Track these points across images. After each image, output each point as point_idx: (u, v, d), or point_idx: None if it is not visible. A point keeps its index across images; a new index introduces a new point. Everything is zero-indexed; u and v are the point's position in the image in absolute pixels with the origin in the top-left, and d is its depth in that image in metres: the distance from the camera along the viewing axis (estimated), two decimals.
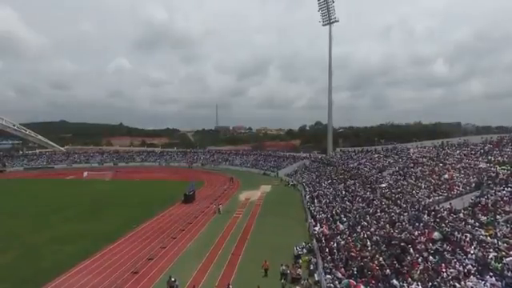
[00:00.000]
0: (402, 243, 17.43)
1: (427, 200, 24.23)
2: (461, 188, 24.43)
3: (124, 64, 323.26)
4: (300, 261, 19.37)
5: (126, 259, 20.40)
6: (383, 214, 23.36)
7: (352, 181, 36.99)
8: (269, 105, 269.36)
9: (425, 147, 41.44)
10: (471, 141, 36.64)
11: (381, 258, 16.36)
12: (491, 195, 20.77)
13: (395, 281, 13.86)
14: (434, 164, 32.39)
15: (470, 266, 13.81)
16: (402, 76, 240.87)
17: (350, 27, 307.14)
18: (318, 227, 23.08)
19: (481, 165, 27.42)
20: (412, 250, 16.57)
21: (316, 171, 50.59)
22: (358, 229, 21.42)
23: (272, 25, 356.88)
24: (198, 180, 52.13)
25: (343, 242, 19.56)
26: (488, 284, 12.25)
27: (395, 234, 19.11)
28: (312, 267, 18.40)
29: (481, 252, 14.57)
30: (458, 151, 34.24)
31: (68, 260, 19.95)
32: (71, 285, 17.01)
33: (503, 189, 20.88)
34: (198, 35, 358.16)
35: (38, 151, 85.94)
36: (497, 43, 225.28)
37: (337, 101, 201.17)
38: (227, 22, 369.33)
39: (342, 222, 23.34)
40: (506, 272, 12.68)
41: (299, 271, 17.63)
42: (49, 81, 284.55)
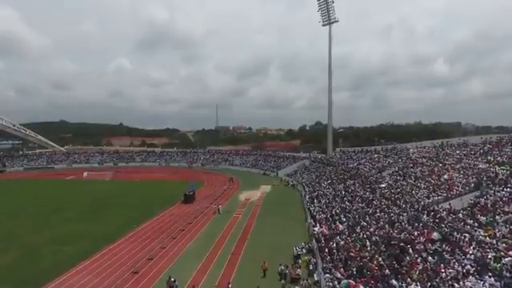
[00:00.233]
0: (402, 243, 17.48)
1: (426, 200, 24.28)
2: (460, 188, 24.47)
3: (124, 64, 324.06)
4: (299, 261, 19.41)
5: (126, 259, 20.45)
6: (382, 215, 23.42)
7: (352, 181, 37.05)
8: (269, 105, 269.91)
9: (424, 147, 41.46)
10: (471, 141, 36.65)
11: (380, 259, 16.40)
12: (490, 195, 20.81)
13: (394, 281, 13.90)
14: (434, 164, 32.42)
15: (469, 267, 13.86)
16: (403, 76, 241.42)
17: (350, 27, 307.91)
18: (318, 227, 23.11)
19: (480, 165, 27.45)
20: (411, 251, 16.63)
21: (316, 171, 50.64)
22: (358, 229, 21.46)
23: (273, 25, 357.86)
24: (198, 180, 52.17)
25: (343, 242, 19.60)
26: (487, 284, 12.29)
27: (394, 235, 19.16)
28: (311, 267, 18.45)
29: (480, 252, 14.61)
30: (458, 151, 34.26)
31: (68, 260, 19.99)
32: (71, 285, 17.05)
33: (502, 189, 20.90)
34: (199, 35, 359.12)
35: (38, 151, 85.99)
36: (497, 43, 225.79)
37: (337, 101, 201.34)
38: (228, 22, 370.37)
39: (342, 222, 23.38)
40: (505, 272, 12.72)
41: (298, 271, 17.68)
42: (49, 81, 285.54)
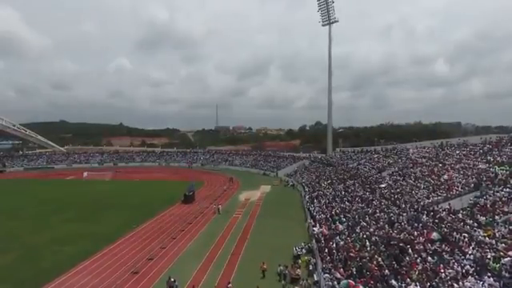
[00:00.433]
0: (401, 244, 17.50)
1: (426, 200, 24.31)
2: (460, 188, 24.49)
3: (125, 64, 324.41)
4: (299, 261, 19.43)
5: (126, 259, 20.47)
6: (382, 215, 23.43)
7: (351, 181, 37.07)
8: (269, 105, 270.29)
9: (424, 147, 41.47)
10: (470, 141, 36.65)
11: (380, 259, 16.40)
12: (490, 196, 20.84)
13: (394, 281, 13.91)
14: (434, 164, 32.45)
15: (469, 267, 13.87)
16: (403, 76, 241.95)
17: (350, 27, 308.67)
18: (318, 227, 23.12)
19: (480, 165, 27.47)
20: (411, 251, 16.62)
21: (315, 171, 50.64)
22: (357, 229, 21.47)
23: (273, 25, 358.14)
24: (198, 180, 52.19)
25: (342, 243, 19.61)
26: (486, 284, 12.30)
27: (394, 235, 19.18)
28: (311, 267, 18.47)
29: (479, 252, 14.63)
30: (458, 151, 34.28)
31: (68, 260, 20.01)
32: (71, 285, 17.07)
33: (502, 189, 20.94)
34: (200, 35, 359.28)
35: (38, 151, 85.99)
36: (497, 43, 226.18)
37: (337, 101, 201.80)
38: (228, 23, 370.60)
39: (342, 223, 23.38)
40: (504, 272, 12.74)
41: (298, 271, 17.70)
42: (49, 81, 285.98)
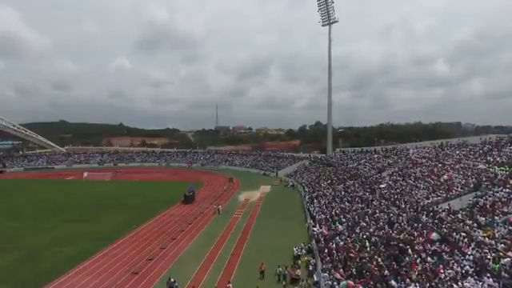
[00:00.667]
0: (401, 244, 17.51)
1: (426, 201, 24.31)
2: (459, 189, 24.50)
3: (125, 64, 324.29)
4: (299, 261, 19.45)
5: (126, 260, 20.49)
6: (382, 215, 23.45)
7: (351, 181, 37.09)
8: (269, 105, 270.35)
9: (424, 148, 41.47)
10: (470, 141, 36.64)
11: (379, 259, 16.41)
12: (490, 196, 20.85)
13: (394, 282, 13.93)
14: (433, 165, 32.45)
15: (468, 267, 13.89)
16: (403, 76, 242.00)
17: (350, 27, 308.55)
18: (318, 228, 23.15)
19: (479, 165, 27.47)
20: (410, 251, 16.63)
21: (315, 172, 50.67)
22: (357, 229, 21.50)
23: (273, 25, 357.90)
24: (198, 180, 52.27)
25: (342, 243, 19.64)
26: (485, 285, 12.32)
27: (394, 235, 19.19)
28: (311, 268, 18.49)
29: (479, 253, 14.64)
30: (457, 152, 34.27)
31: (68, 261, 20.02)
32: (71, 286, 17.09)
33: (501, 190, 20.95)
34: (200, 35, 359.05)
35: (38, 152, 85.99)
36: (497, 43, 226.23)
37: (337, 101, 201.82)
38: (228, 23, 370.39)
39: (341, 223, 23.40)
40: (504, 273, 12.75)
41: (298, 272, 17.72)
42: (49, 81, 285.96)
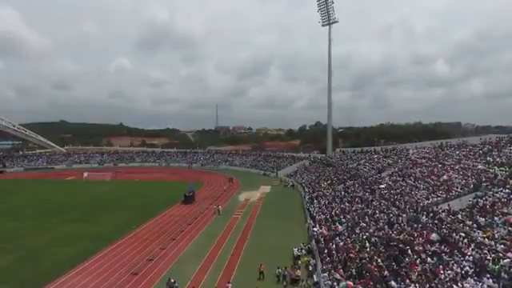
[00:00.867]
0: (401, 244, 17.53)
1: (426, 201, 24.31)
2: (459, 189, 24.51)
3: (125, 64, 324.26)
4: (299, 262, 19.45)
5: (126, 260, 20.50)
6: (382, 215, 23.46)
7: (351, 181, 37.09)
8: (269, 105, 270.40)
9: (424, 148, 41.47)
10: (470, 142, 36.62)
11: (379, 260, 16.43)
12: (489, 197, 20.86)
13: (393, 282, 13.94)
14: (433, 165, 32.45)
15: (468, 268, 13.91)
16: (403, 76, 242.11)
17: (350, 27, 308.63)
18: (317, 228, 23.17)
19: (479, 166, 27.47)
20: (410, 252, 16.65)
21: (315, 172, 50.69)
22: (357, 230, 21.51)
23: (273, 25, 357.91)
24: (198, 180, 52.26)
25: (342, 243, 19.66)
26: (485, 286, 12.34)
27: (394, 236, 19.20)
28: (311, 268, 18.50)
29: (478, 254, 14.66)
30: (457, 152, 34.26)
31: (68, 261, 20.03)
32: (71, 286, 17.10)
33: (501, 190, 20.95)
34: (200, 35, 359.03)
35: (38, 152, 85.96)
36: (497, 43, 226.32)
37: (337, 101, 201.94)
38: (228, 23, 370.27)
39: (341, 223, 23.42)
40: (503, 274, 12.77)
41: (298, 272, 17.72)
42: (50, 81, 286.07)
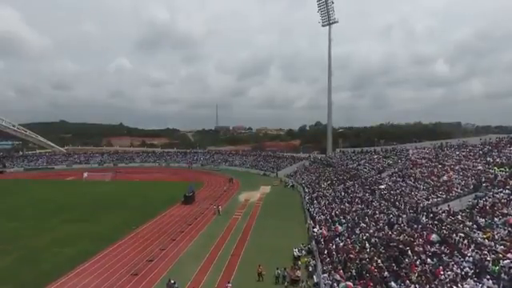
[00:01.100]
0: (401, 245, 17.53)
1: (426, 202, 24.32)
2: (459, 190, 24.52)
3: (125, 64, 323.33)
4: (299, 262, 19.45)
5: (126, 261, 20.49)
6: (382, 216, 23.47)
7: (351, 182, 37.10)
8: (269, 105, 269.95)
9: (424, 148, 41.48)
10: (470, 142, 36.61)
11: (379, 260, 16.43)
12: (489, 197, 20.86)
13: (393, 283, 13.95)
14: (433, 165, 32.45)
15: (468, 269, 13.91)
16: (403, 76, 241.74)
17: (350, 27, 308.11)
18: (317, 229, 23.17)
19: (479, 166, 27.49)
20: (410, 253, 16.65)
21: (315, 172, 50.69)
22: (357, 230, 21.51)
23: (273, 25, 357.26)
24: (198, 181, 52.26)
25: (342, 244, 19.66)
26: (485, 287, 12.35)
27: (394, 236, 19.21)
28: (311, 269, 18.50)
29: (478, 255, 14.66)
30: (457, 152, 34.26)
31: (68, 262, 20.01)
32: (71, 287, 17.10)
33: (501, 191, 20.96)
34: (200, 35, 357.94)
35: (38, 152, 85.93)
36: (497, 43, 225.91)
37: (337, 101, 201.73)
38: (228, 23, 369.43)
39: (341, 224, 23.42)
40: (503, 275, 12.77)
41: (298, 273, 17.72)
42: (50, 81, 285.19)
